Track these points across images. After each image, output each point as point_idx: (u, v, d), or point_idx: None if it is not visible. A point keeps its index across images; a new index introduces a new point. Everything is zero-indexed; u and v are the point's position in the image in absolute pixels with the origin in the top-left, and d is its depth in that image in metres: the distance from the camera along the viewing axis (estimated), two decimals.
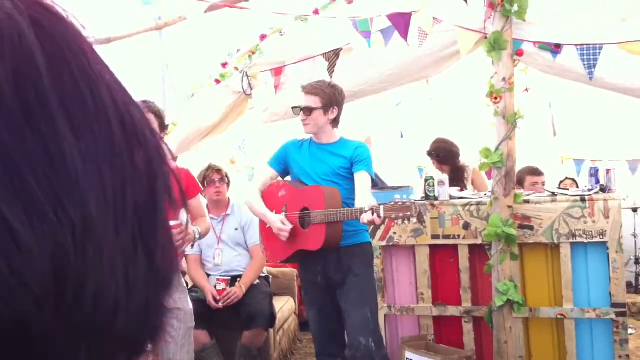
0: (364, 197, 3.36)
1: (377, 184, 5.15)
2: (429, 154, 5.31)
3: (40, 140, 0.32)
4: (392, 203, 3.20)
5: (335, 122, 3.54)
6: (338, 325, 3.55)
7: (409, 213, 3.17)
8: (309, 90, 3.52)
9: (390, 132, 6.62)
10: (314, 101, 3.48)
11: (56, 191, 0.32)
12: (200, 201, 3.54)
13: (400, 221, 3.18)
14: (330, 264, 3.47)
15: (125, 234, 0.35)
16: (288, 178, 3.75)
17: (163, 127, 3.43)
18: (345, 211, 3.29)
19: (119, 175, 0.35)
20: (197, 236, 3.40)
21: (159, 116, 3.36)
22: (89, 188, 0.33)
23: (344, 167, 3.48)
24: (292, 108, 3.60)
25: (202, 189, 4.88)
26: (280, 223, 3.49)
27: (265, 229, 3.68)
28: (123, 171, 0.35)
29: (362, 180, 3.42)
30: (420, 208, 3.33)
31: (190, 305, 3.48)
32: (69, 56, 0.34)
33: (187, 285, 4.95)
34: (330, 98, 3.49)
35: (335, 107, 3.52)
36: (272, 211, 3.60)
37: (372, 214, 3.14)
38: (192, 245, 3.51)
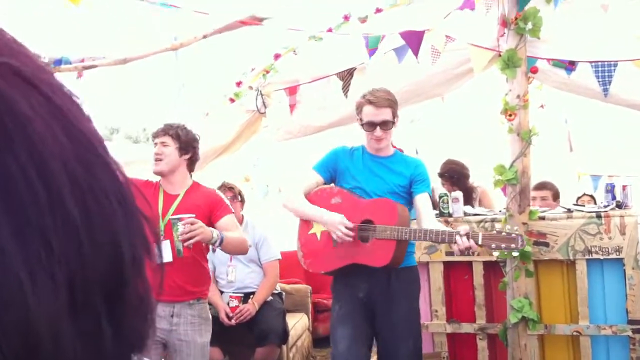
0: (432, 220, 3.15)
1: None
2: (441, 175, 5.30)
3: None
4: (496, 232, 2.99)
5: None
6: (368, 349, 3.26)
7: (513, 245, 2.94)
8: (383, 102, 3.14)
9: (405, 148, 6.62)
10: (388, 114, 3.16)
11: None
12: (233, 220, 3.34)
13: (499, 252, 2.99)
14: (377, 285, 3.17)
15: (84, 316, 0.33)
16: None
17: (184, 148, 3.31)
18: (433, 232, 3.01)
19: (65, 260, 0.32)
20: (217, 239, 3.12)
21: (177, 138, 3.29)
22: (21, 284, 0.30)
23: (402, 186, 3.21)
24: (363, 125, 3.19)
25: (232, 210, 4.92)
26: (343, 224, 3.11)
27: (306, 235, 3.33)
28: (69, 254, 0.32)
29: (425, 202, 3.20)
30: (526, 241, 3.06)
31: (204, 339, 3.36)
32: None
33: None
34: (396, 105, 3.21)
35: (398, 115, 3.24)
36: (314, 224, 3.29)
37: (468, 239, 2.92)
38: (214, 250, 3.39)
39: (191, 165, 3.41)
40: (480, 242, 2.92)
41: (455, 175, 5.21)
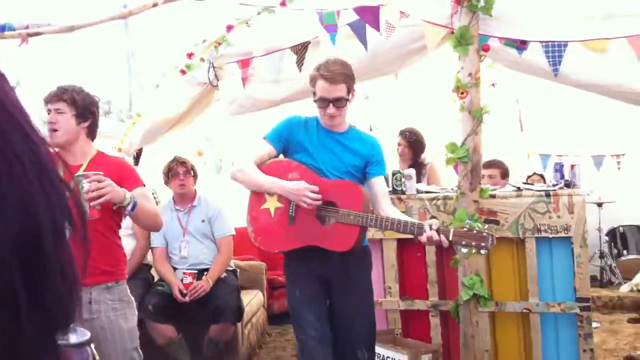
0: (389, 207, 3.12)
1: None
2: (402, 132, 5.31)
3: None
4: (466, 229, 2.91)
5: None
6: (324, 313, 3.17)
7: (483, 244, 2.88)
8: (337, 78, 3.00)
9: (359, 126, 6.60)
10: (342, 90, 3.02)
11: None
12: (145, 193, 2.97)
13: (467, 249, 2.91)
14: (334, 266, 3.11)
15: None
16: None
17: (82, 115, 2.94)
18: (402, 222, 2.94)
19: None
20: (130, 202, 2.78)
21: (73, 103, 2.92)
22: None
23: (357, 166, 3.13)
24: (316, 101, 3.06)
25: (166, 180, 4.79)
26: (309, 190, 2.99)
27: (258, 210, 3.18)
28: None
29: (382, 187, 3.15)
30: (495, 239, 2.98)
31: (130, 324, 3.01)
32: None
33: (154, 278, 4.91)
34: (352, 80, 3.07)
35: (354, 89, 3.10)
36: (268, 196, 3.13)
37: (439, 234, 2.86)
38: (124, 215, 2.98)
39: (91, 133, 3.02)
40: (451, 238, 2.88)
41: (413, 137, 5.24)
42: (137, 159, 5.62)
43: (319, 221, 3.07)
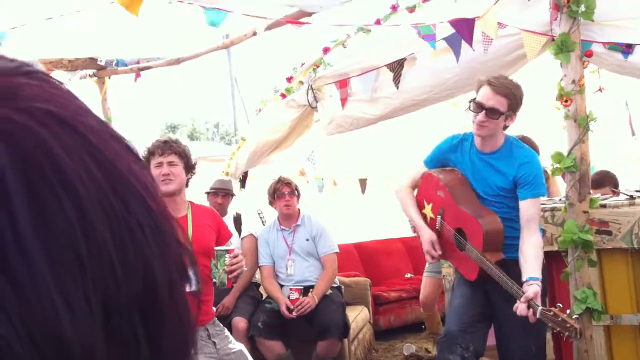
0: (528, 240, 2.98)
1: None
2: None
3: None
4: (554, 314, 2.83)
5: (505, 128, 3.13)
6: (482, 316, 3.20)
7: (567, 334, 2.81)
8: (500, 89, 2.96)
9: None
10: (501, 103, 2.97)
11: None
12: (236, 240, 3.45)
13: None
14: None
15: (120, 338, 0.35)
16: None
17: (189, 167, 3.20)
18: (505, 281, 2.91)
19: (100, 280, 0.34)
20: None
21: (184, 156, 3.16)
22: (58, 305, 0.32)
23: (504, 188, 3.07)
24: (471, 102, 3.05)
25: (274, 200, 4.95)
26: (430, 245, 3.19)
27: (421, 211, 3.40)
28: (105, 278, 0.34)
29: (526, 212, 3.00)
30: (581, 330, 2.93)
31: (240, 344, 3.40)
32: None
33: (262, 296, 5.07)
34: (518, 103, 3.03)
35: (515, 115, 3.07)
36: (426, 204, 3.32)
37: (528, 308, 2.82)
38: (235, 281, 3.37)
39: (187, 184, 3.29)
40: (538, 316, 2.84)
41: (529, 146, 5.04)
42: (243, 181, 5.84)
43: (456, 244, 3.18)
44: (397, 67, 4.40)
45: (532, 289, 2.89)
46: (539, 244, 3.08)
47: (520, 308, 2.84)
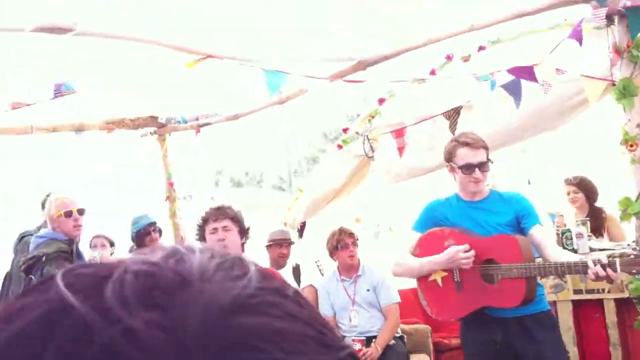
0: (557, 250, 3.04)
1: None
2: (566, 180, 4.97)
3: None
4: (632, 256, 2.82)
5: None
6: None
7: None
8: (477, 144, 3.10)
9: (517, 178, 6.47)
10: (483, 155, 3.10)
11: None
12: None
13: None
14: (515, 332, 3.02)
15: None
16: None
17: (243, 231, 3.20)
18: (564, 264, 2.84)
19: None
20: None
21: (237, 221, 3.16)
22: None
23: (504, 224, 3.09)
24: (460, 168, 3.09)
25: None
26: (457, 251, 3.03)
27: (427, 282, 3.24)
28: None
29: (542, 235, 3.08)
30: None
31: None
32: None
33: None
34: (487, 149, 3.17)
35: (491, 160, 3.19)
36: None
37: (604, 268, 2.71)
38: None
39: (243, 248, 3.25)
40: (618, 270, 2.73)
41: (579, 179, 4.91)
42: (300, 231, 5.89)
43: (485, 281, 3.05)
44: (453, 115, 4.42)
45: (600, 255, 2.91)
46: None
47: (597, 271, 2.71)
